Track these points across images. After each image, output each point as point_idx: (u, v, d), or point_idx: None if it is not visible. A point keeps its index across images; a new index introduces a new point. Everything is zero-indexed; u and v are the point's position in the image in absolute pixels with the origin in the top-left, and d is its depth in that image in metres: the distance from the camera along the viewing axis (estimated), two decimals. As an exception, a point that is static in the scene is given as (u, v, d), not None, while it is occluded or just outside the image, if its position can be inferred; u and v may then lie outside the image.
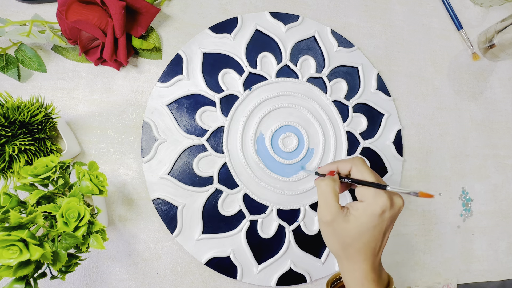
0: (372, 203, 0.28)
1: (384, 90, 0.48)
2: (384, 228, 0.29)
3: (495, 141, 0.53)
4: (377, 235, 0.29)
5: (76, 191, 0.26)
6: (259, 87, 0.42)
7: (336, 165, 0.33)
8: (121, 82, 0.39)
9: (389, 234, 0.31)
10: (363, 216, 0.28)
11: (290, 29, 0.45)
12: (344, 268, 0.31)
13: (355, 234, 0.29)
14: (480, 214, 0.51)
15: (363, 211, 0.28)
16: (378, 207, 0.28)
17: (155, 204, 0.38)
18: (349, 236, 0.29)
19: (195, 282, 0.39)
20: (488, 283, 0.50)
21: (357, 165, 0.31)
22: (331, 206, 0.30)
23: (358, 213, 0.29)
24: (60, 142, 0.34)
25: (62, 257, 0.24)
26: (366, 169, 0.31)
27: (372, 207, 0.28)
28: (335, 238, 0.30)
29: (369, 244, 0.29)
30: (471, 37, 0.54)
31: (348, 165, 0.32)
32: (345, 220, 0.29)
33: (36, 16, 0.35)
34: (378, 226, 0.29)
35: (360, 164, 0.31)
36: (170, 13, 0.42)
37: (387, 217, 0.29)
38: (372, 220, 0.28)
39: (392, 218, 0.30)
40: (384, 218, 0.29)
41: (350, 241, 0.29)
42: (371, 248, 0.29)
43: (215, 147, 0.40)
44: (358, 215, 0.29)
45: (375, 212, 0.28)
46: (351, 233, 0.29)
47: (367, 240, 0.29)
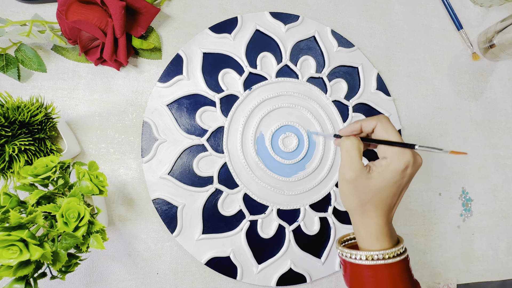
0: (396, 159, 0.29)
1: (384, 90, 0.48)
2: (403, 184, 0.30)
3: (495, 141, 0.53)
4: (396, 191, 0.30)
5: (76, 191, 0.26)
6: (259, 87, 0.42)
7: (359, 124, 0.33)
8: (121, 82, 0.39)
9: (404, 192, 0.31)
10: (386, 172, 0.29)
11: (290, 29, 0.45)
12: (359, 222, 0.31)
13: (376, 189, 0.29)
14: (480, 214, 0.51)
15: (387, 167, 0.29)
16: (402, 163, 0.29)
17: (155, 204, 0.38)
18: (370, 192, 0.30)
19: (195, 282, 0.39)
20: (488, 283, 0.50)
21: (383, 123, 0.31)
22: (355, 164, 0.30)
23: (382, 169, 0.29)
24: (60, 142, 0.34)
25: (62, 257, 0.24)
26: (391, 127, 0.31)
27: (396, 163, 0.29)
28: (354, 194, 0.30)
29: (387, 200, 0.30)
30: (471, 37, 0.54)
31: (373, 122, 0.32)
32: (368, 177, 0.30)
33: (36, 16, 0.35)
34: (398, 182, 0.29)
35: (386, 122, 0.31)
36: (170, 13, 0.42)
37: (408, 174, 0.29)
38: (394, 176, 0.29)
39: (411, 175, 0.30)
40: (405, 175, 0.29)
41: (370, 197, 0.30)
42: (388, 204, 0.30)
43: (215, 147, 0.40)
44: (381, 171, 0.29)
45: (398, 168, 0.29)
46: (372, 188, 0.29)
47: (386, 196, 0.30)
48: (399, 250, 0.30)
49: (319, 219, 0.42)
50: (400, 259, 0.30)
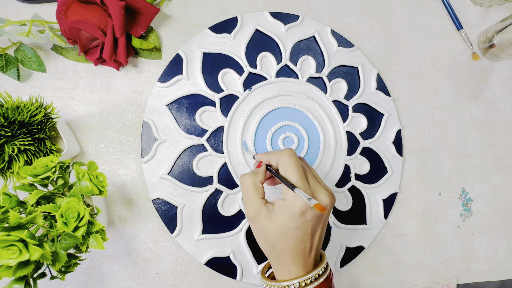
0: (291, 202, 0.27)
1: (384, 90, 0.48)
2: (310, 229, 0.27)
3: (495, 141, 0.53)
4: (303, 236, 0.27)
5: (76, 191, 0.26)
6: (259, 87, 0.42)
7: (267, 157, 0.31)
8: (120, 82, 0.39)
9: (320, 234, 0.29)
10: (284, 216, 0.27)
11: (290, 29, 0.45)
12: (275, 269, 0.29)
13: (278, 234, 0.27)
14: (480, 214, 0.51)
15: (284, 211, 0.27)
16: (296, 207, 0.26)
17: (155, 204, 0.38)
18: (273, 236, 0.27)
19: (195, 282, 0.39)
20: (488, 283, 0.50)
21: (283, 159, 0.29)
22: (252, 202, 0.28)
23: (280, 212, 0.27)
24: (60, 142, 0.34)
25: (62, 257, 0.24)
26: (290, 164, 0.28)
27: (291, 207, 0.27)
28: (261, 236, 0.28)
29: (296, 246, 0.27)
30: (471, 37, 0.54)
31: (276, 158, 0.30)
32: (268, 218, 0.27)
33: (36, 16, 0.35)
34: (302, 227, 0.27)
35: (286, 158, 0.29)
36: (170, 13, 0.42)
37: (309, 218, 0.27)
38: (292, 221, 0.27)
39: (317, 218, 0.27)
40: (306, 219, 0.27)
41: (275, 241, 0.27)
42: (300, 250, 0.27)
43: (215, 147, 0.40)
44: (280, 215, 0.27)
45: (294, 213, 0.26)
46: (274, 232, 0.27)
47: (292, 242, 0.27)
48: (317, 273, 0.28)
49: (319, 219, 0.42)
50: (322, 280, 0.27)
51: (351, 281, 0.44)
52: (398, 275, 0.46)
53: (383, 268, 0.45)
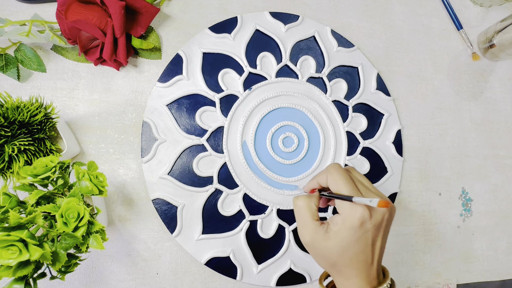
0: (349, 215, 0.26)
1: (384, 90, 0.48)
2: (370, 239, 0.27)
3: (495, 141, 0.53)
4: (364, 247, 0.27)
5: (76, 191, 0.26)
6: (259, 87, 0.42)
7: (316, 180, 0.31)
8: (120, 82, 0.39)
9: (381, 243, 0.28)
10: (343, 231, 0.26)
11: (290, 29, 0.45)
12: (338, 283, 0.29)
13: (339, 251, 0.27)
14: (480, 214, 0.51)
15: (342, 225, 0.26)
16: (356, 219, 0.26)
17: (155, 204, 0.38)
18: (333, 254, 0.27)
19: (195, 282, 0.39)
20: (488, 283, 0.50)
21: (331, 174, 0.29)
22: (308, 226, 0.28)
23: (338, 228, 0.27)
24: (60, 142, 0.34)
25: (62, 257, 0.24)
26: (339, 178, 0.28)
27: (350, 220, 0.26)
28: (320, 257, 0.28)
29: (358, 258, 0.27)
30: (471, 37, 0.54)
31: (324, 176, 0.29)
32: (325, 238, 0.27)
33: (36, 16, 0.35)
34: (362, 238, 0.27)
35: (334, 173, 0.29)
36: (170, 13, 0.42)
37: (369, 228, 0.26)
38: (353, 234, 0.26)
39: (377, 227, 0.27)
40: (366, 229, 0.26)
41: (336, 258, 0.27)
42: (362, 261, 0.27)
43: (215, 147, 0.40)
44: (338, 230, 0.27)
45: (354, 225, 0.26)
46: (334, 250, 0.27)
47: (354, 255, 0.27)
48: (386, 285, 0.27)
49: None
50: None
51: (351, 281, 0.44)
52: (398, 275, 0.46)
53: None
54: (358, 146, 0.45)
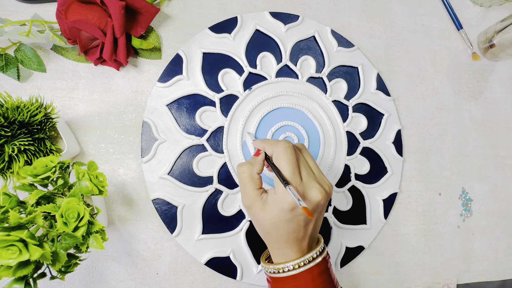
0: (281, 198, 0.27)
1: (384, 90, 0.48)
2: (302, 221, 0.28)
3: (495, 141, 0.53)
4: (296, 227, 0.28)
5: (76, 191, 0.26)
6: (259, 87, 0.42)
7: (263, 145, 0.31)
8: (120, 82, 0.39)
9: (314, 224, 0.29)
10: (274, 210, 0.27)
11: (290, 29, 0.45)
12: (271, 253, 0.31)
13: (271, 225, 0.28)
14: (480, 214, 0.51)
15: (274, 204, 0.27)
16: (286, 203, 0.26)
17: (155, 204, 0.38)
18: (266, 225, 0.28)
19: (195, 282, 0.39)
20: (488, 283, 0.50)
21: (277, 152, 0.29)
22: (249, 193, 0.29)
23: (272, 205, 0.27)
24: (60, 142, 0.34)
25: (62, 257, 0.24)
26: (284, 157, 0.28)
27: (281, 202, 0.27)
28: (256, 223, 0.30)
29: (288, 236, 0.28)
30: (471, 37, 0.54)
31: (271, 149, 0.30)
32: (261, 209, 0.28)
33: (36, 16, 0.35)
34: (294, 221, 0.27)
35: (281, 151, 0.28)
36: (170, 13, 0.42)
37: (300, 213, 0.27)
38: (283, 215, 0.27)
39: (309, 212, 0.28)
40: (297, 214, 0.27)
41: (268, 230, 0.29)
42: (292, 238, 0.28)
43: (215, 147, 0.40)
44: (272, 207, 0.27)
45: (284, 208, 0.27)
46: (267, 222, 0.28)
47: (284, 232, 0.28)
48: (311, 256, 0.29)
49: (319, 219, 0.42)
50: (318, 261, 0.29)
51: (351, 281, 0.44)
52: (398, 275, 0.46)
53: (383, 268, 0.45)
54: (358, 146, 0.45)
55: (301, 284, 0.28)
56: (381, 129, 0.47)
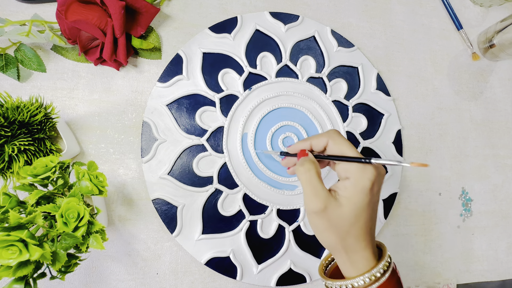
0: (360, 178, 0.25)
1: (384, 90, 0.48)
2: (376, 203, 0.26)
3: (495, 141, 0.53)
4: (372, 213, 0.26)
5: (76, 191, 0.26)
6: (259, 87, 0.42)
7: (309, 142, 0.29)
8: (120, 82, 0.39)
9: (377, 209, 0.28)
10: (355, 195, 0.25)
11: (290, 29, 0.45)
12: (345, 261, 0.27)
13: (352, 218, 0.25)
14: (480, 214, 0.51)
15: (353, 189, 0.25)
16: (368, 181, 0.25)
17: (155, 204, 0.38)
18: (345, 223, 0.25)
19: (195, 282, 0.39)
20: (488, 283, 0.50)
21: (334, 139, 0.27)
22: (319, 192, 0.26)
23: (348, 192, 0.25)
24: (60, 142, 0.34)
25: (62, 257, 0.24)
26: (344, 141, 0.27)
27: (361, 183, 0.25)
28: (331, 229, 0.26)
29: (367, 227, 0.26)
30: (471, 37, 0.54)
31: (323, 139, 0.28)
32: (337, 205, 0.25)
33: (36, 16, 0.35)
34: (371, 203, 0.26)
35: (337, 136, 0.27)
36: (170, 13, 0.42)
37: (376, 191, 0.26)
38: (364, 198, 0.25)
39: (380, 190, 0.27)
40: (374, 192, 0.26)
41: (348, 228, 0.25)
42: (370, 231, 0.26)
43: (215, 147, 0.40)
44: (350, 195, 0.25)
45: (365, 187, 0.25)
46: (347, 218, 0.25)
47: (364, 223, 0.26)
48: (385, 264, 0.27)
49: (319, 219, 0.42)
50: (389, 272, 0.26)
51: (351, 281, 0.44)
52: (398, 275, 0.46)
53: (383, 268, 0.45)
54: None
55: None
56: (381, 129, 0.46)
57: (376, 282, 0.25)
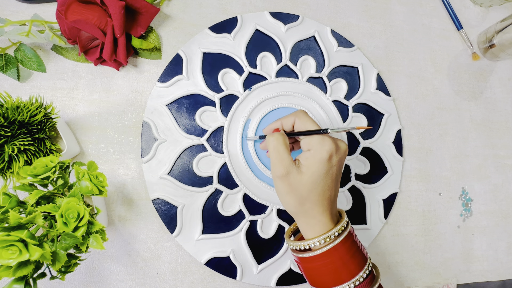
0: (319, 149, 0.29)
1: (384, 90, 0.48)
2: (335, 174, 0.30)
3: (495, 141, 0.53)
4: (330, 182, 0.30)
5: (76, 191, 0.26)
6: (259, 87, 0.42)
7: (280, 122, 0.33)
8: (120, 82, 0.39)
9: (339, 180, 0.31)
10: (314, 165, 0.29)
11: (290, 29, 0.45)
12: (304, 225, 0.31)
13: (310, 185, 0.29)
14: (480, 214, 0.51)
15: (312, 159, 0.29)
16: (325, 152, 0.28)
17: (155, 204, 0.38)
18: (304, 188, 0.29)
19: (195, 282, 0.39)
20: (488, 283, 0.50)
21: (300, 117, 0.32)
22: (284, 159, 0.30)
23: (308, 162, 0.29)
24: (60, 142, 0.34)
25: (62, 257, 0.24)
26: (308, 119, 0.31)
27: (319, 154, 0.28)
28: (291, 193, 0.30)
29: (324, 194, 0.29)
30: (471, 37, 0.54)
31: (291, 118, 0.32)
32: (298, 172, 0.29)
33: (36, 16, 0.35)
34: (329, 173, 0.29)
35: (303, 115, 0.32)
36: (170, 13, 0.42)
37: (335, 162, 0.29)
38: (322, 167, 0.29)
39: (340, 162, 0.30)
40: (332, 163, 0.29)
41: (306, 194, 0.29)
42: (327, 198, 0.30)
43: (214, 147, 0.40)
44: (309, 164, 0.29)
45: (323, 158, 0.28)
46: (306, 184, 0.29)
47: (321, 190, 0.29)
48: (343, 226, 0.30)
49: (319, 219, 0.42)
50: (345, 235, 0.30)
51: (351, 281, 0.44)
52: (398, 275, 0.46)
53: (383, 268, 0.45)
54: (358, 146, 0.45)
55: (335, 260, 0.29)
56: (381, 129, 0.46)
57: (331, 243, 0.29)
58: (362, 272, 0.29)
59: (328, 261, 0.29)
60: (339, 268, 0.29)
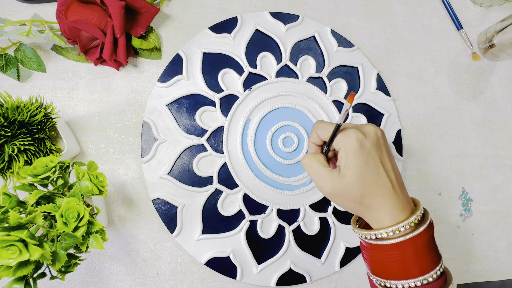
0: (347, 143, 0.28)
1: (384, 90, 0.48)
2: (377, 159, 0.28)
3: (495, 141, 0.53)
4: (376, 169, 0.28)
5: (76, 191, 0.26)
6: (259, 87, 0.42)
7: (309, 142, 0.33)
8: (120, 82, 0.39)
9: (390, 163, 0.29)
10: (350, 160, 0.28)
11: (290, 29, 0.45)
12: (371, 220, 0.29)
13: (356, 180, 0.27)
14: (480, 214, 0.51)
15: (346, 156, 0.28)
16: (354, 142, 0.28)
17: (155, 204, 0.38)
18: (353, 187, 0.28)
19: (194, 282, 0.39)
20: (488, 283, 0.50)
21: (318, 128, 0.31)
22: (323, 174, 0.29)
23: (344, 161, 0.28)
24: (60, 142, 0.34)
25: (62, 257, 0.24)
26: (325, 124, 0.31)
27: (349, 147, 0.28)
28: (347, 199, 0.28)
29: (377, 183, 0.28)
30: (471, 37, 0.54)
31: (314, 134, 0.32)
32: (340, 176, 0.28)
33: (36, 16, 0.35)
34: (370, 159, 0.28)
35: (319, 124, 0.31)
36: (170, 13, 0.42)
37: (369, 147, 0.28)
38: (358, 158, 0.27)
39: (377, 145, 0.29)
40: (368, 149, 0.28)
41: (359, 191, 0.28)
42: (382, 186, 0.28)
43: (214, 147, 0.40)
44: (346, 163, 0.28)
45: (355, 149, 0.27)
46: (352, 182, 0.28)
47: (371, 181, 0.28)
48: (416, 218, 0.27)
49: (319, 219, 0.42)
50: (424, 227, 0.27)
51: (351, 281, 0.44)
52: (398, 275, 0.46)
53: (383, 268, 0.45)
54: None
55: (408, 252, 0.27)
56: (381, 129, 0.46)
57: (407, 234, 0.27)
58: (433, 272, 0.27)
59: (398, 252, 0.27)
60: (410, 262, 0.27)
